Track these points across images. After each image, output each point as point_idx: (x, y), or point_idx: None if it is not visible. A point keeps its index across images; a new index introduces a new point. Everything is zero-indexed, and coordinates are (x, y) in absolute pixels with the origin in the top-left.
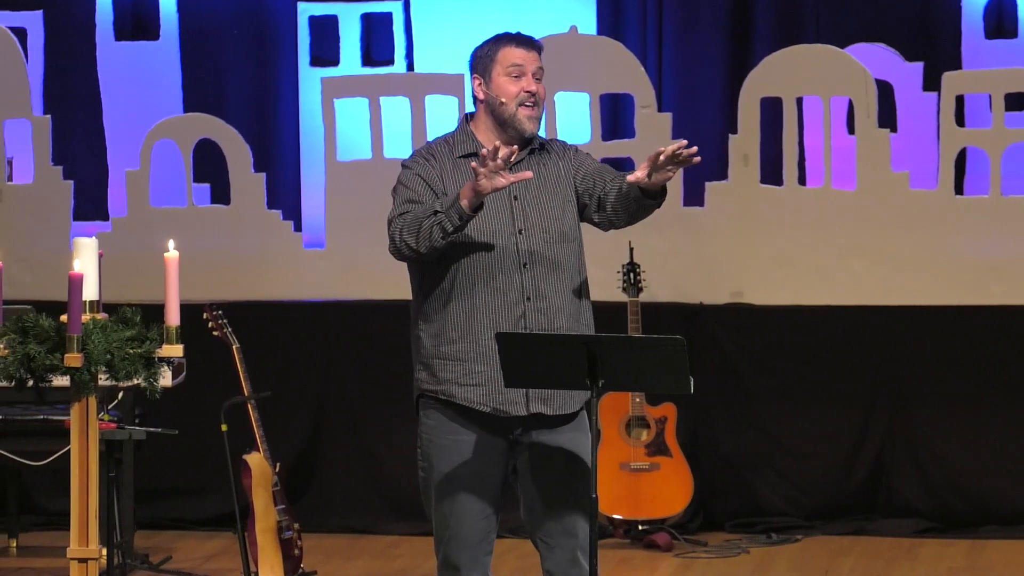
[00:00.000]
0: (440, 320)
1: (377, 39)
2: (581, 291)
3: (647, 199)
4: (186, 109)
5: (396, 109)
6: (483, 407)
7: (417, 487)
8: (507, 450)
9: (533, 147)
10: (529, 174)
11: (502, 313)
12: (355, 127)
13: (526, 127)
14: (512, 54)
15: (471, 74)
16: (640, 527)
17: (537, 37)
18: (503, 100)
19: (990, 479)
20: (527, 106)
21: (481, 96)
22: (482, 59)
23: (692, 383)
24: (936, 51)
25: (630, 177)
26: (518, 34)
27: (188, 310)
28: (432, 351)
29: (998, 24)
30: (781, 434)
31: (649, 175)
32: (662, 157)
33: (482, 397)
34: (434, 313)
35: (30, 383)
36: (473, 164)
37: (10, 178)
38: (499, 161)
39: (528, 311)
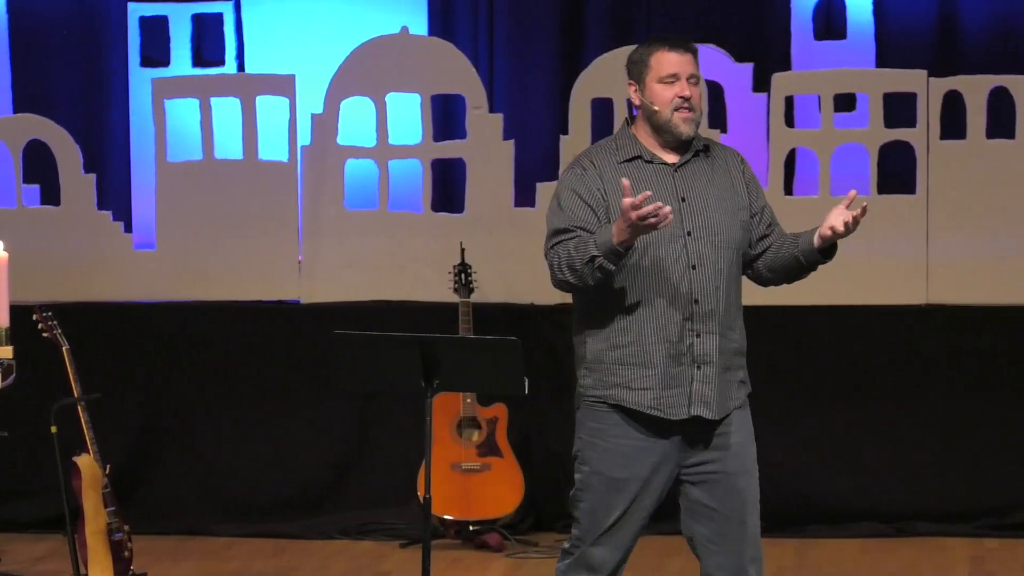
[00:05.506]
0: (609, 325)
1: (208, 39)
2: (738, 297)
3: (823, 258)
4: (16, 109)
5: (228, 109)
6: (653, 411)
7: (249, 489)
8: (673, 455)
9: (697, 148)
10: (668, 220)
11: (672, 317)
12: (186, 127)
13: (682, 131)
14: (665, 59)
15: (628, 80)
16: (471, 527)
17: (374, 36)
18: (657, 107)
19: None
20: (682, 110)
21: (637, 102)
22: (636, 65)
23: (526, 384)
24: (766, 52)
25: (822, 232)
26: (671, 38)
27: (18, 311)
28: (599, 356)
29: (827, 25)
30: None
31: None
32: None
33: (652, 401)
34: (602, 318)
35: None
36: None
37: None
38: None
39: (695, 314)
